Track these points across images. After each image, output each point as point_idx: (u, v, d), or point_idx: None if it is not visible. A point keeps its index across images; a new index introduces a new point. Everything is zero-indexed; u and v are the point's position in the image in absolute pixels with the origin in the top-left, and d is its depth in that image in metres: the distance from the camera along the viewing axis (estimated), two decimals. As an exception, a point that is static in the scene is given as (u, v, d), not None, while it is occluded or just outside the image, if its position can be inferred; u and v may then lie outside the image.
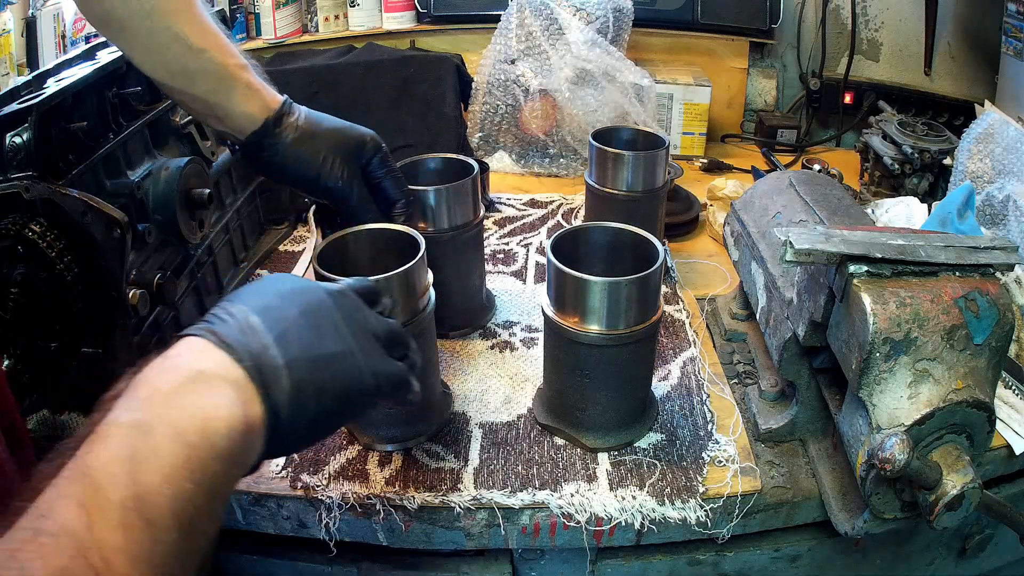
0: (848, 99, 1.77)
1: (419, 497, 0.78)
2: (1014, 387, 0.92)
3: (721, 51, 1.78)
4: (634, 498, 0.78)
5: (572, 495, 0.78)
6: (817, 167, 1.50)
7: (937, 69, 1.70)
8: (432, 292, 0.82)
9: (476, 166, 1.00)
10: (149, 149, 0.96)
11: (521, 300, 1.14)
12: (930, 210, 1.20)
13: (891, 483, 0.68)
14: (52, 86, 0.81)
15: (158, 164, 0.93)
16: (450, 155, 1.04)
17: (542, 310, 0.82)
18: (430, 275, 0.82)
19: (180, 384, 0.47)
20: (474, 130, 1.59)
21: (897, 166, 1.37)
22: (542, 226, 1.35)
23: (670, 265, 1.22)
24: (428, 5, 1.74)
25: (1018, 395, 0.92)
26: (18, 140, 0.74)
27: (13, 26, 1.33)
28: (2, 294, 0.72)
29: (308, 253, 1.26)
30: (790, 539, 0.87)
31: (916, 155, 1.35)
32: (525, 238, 1.31)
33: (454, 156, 1.04)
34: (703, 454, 0.84)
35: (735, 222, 1.00)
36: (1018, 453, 0.85)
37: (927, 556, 0.96)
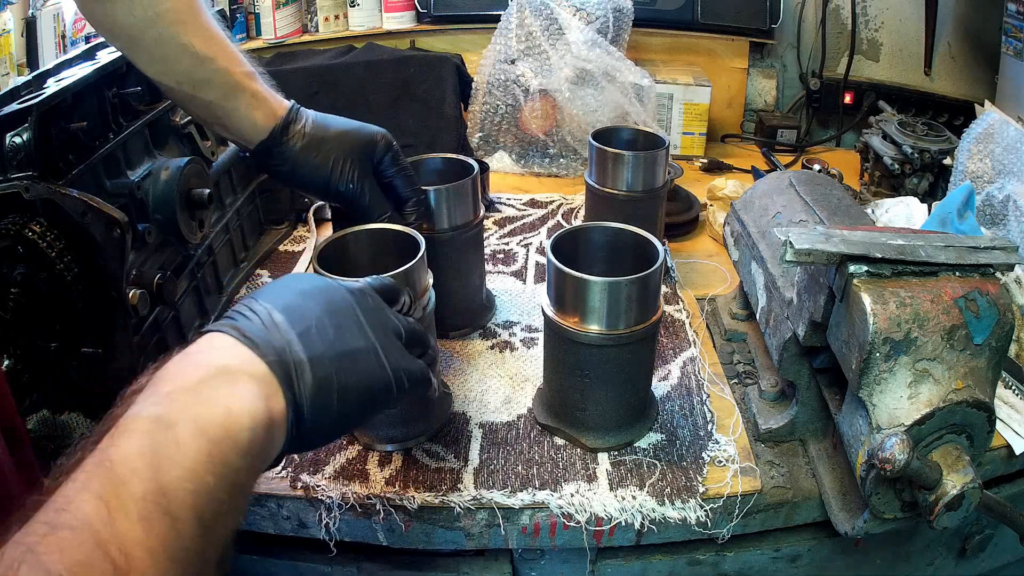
0: (848, 99, 1.77)
1: (419, 497, 0.78)
2: (1014, 387, 0.92)
3: (721, 51, 1.78)
4: (634, 498, 0.78)
5: (572, 495, 0.78)
6: (817, 167, 1.50)
7: (937, 69, 1.70)
8: (432, 292, 0.82)
9: (476, 166, 1.00)
10: (149, 149, 0.96)
11: (521, 300, 1.14)
12: (930, 210, 1.20)
13: (891, 483, 0.68)
14: (52, 86, 0.81)
15: (158, 164, 0.92)
16: (450, 155, 1.04)
17: (542, 310, 0.82)
18: (430, 275, 0.82)
19: (203, 379, 0.48)
20: (474, 130, 1.59)
21: (897, 166, 1.37)
22: (542, 226, 1.35)
23: (670, 265, 1.22)
24: (428, 5, 1.74)
25: (1018, 395, 0.92)
26: (18, 140, 0.74)
27: (13, 26, 1.33)
28: (2, 294, 0.72)
29: (308, 253, 1.26)
30: (790, 539, 0.87)
31: (916, 155, 1.35)
32: (525, 238, 1.31)
33: (454, 156, 1.04)
34: (703, 454, 0.84)
35: (735, 222, 1.00)
36: (1018, 453, 0.85)
37: (927, 556, 0.96)
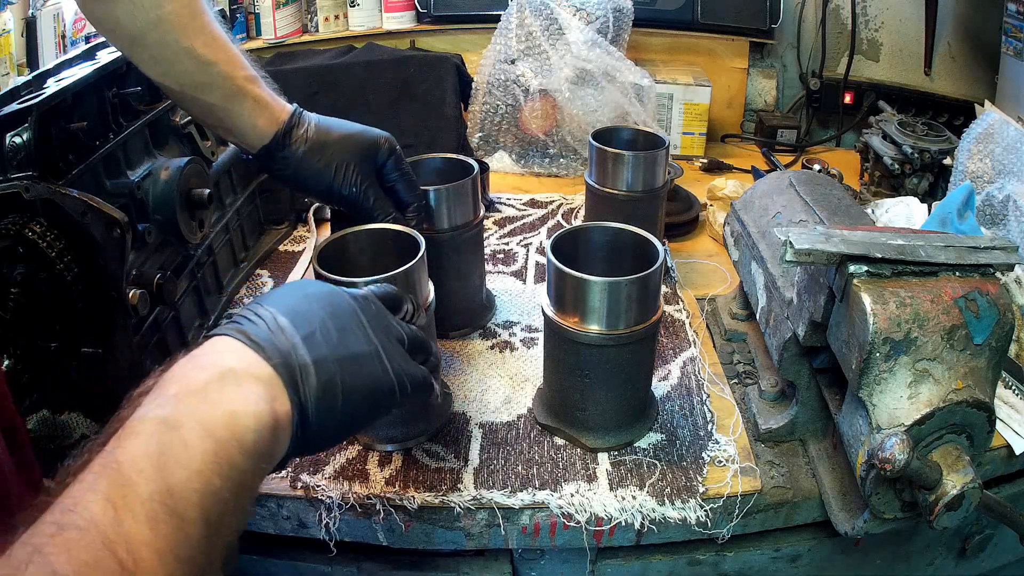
0: (848, 99, 1.77)
1: (419, 497, 0.78)
2: (1014, 387, 0.92)
3: (721, 51, 1.78)
4: (634, 498, 0.78)
5: (572, 495, 0.78)
6: (817, 167, 1.50)
7: (937, 69, 1.70)
8: (432, 292, 0.82)
9: (476, 166, 1.00)
10: (149, 149, 0.96)
11: (521, 300, 1.13)
12: (930, 210, 1.20)
13: (891, 483, 0.68)
14: (52, 86, 0.81)
15: (158, 164, 0.92)
16: (450, 155, 1.04)
17: (542, 310, 0.82)
18: (431, 285, 0.83)
19: (209, 381, 0.48)
20: (474, 130, 1.59)
21: (897, 166, 1.37)
22: (542, 226, 1.35)
23: (670, 265, 1.22)
24: (428, 5, 1.74)
25: (1018, 395, 0.92)
26: (18, 140, 0.74)
27: (13, 26, 1.33)
28: (2, 294, 0.72)
29: (308, 253, 1.26)
30: (790, 539, 0.87)
31: (916, 155, 1.35)
32: (525, 238, 1.31)
33: (454, 156, 1.04)
34: (703, 454, 0.84)
35: (735, 222, 1.00)
36: (1018, 453, 0.85)
37: (927, 556, 0.96)
